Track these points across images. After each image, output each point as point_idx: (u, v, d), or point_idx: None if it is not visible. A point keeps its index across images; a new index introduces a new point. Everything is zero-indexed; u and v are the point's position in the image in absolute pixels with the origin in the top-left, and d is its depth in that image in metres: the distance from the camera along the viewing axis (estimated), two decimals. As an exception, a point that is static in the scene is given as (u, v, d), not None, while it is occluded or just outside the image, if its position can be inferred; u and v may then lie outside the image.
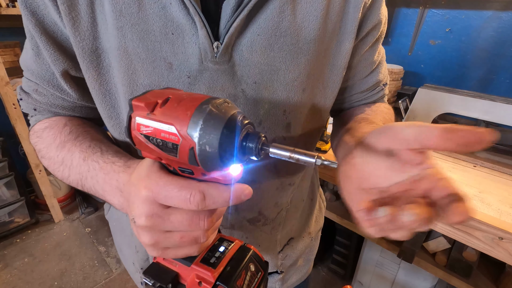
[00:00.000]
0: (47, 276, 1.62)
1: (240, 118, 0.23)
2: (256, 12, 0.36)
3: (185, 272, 0.31)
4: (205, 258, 0.32)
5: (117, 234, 0.61)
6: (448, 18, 1.24)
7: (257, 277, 0.34)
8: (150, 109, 0.23)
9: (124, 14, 0.34)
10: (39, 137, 0.44)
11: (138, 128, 0.24)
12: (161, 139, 0.23)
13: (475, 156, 1.01)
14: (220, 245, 0.33)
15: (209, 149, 0.22)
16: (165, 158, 0.25)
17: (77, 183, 0.39)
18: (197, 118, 0.21)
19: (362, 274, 1.40)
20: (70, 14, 0.34)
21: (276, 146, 0.24)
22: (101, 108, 0.41)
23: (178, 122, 0.22)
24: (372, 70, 0.50)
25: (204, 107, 0.22)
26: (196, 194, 0.24)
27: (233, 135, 0.22)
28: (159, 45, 0.35)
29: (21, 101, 0.45)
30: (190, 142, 0.22)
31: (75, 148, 0.39)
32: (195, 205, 0.25)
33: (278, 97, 0.40)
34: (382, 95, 0.55)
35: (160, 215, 0.26)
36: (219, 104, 0.22)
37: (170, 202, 0.25)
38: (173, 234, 0.27)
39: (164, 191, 0.25)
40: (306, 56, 0.39)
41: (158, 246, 0.28)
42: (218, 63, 0.36)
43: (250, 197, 0.26)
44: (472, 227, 0.72)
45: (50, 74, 0.40)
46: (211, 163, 0.22)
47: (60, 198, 2.06)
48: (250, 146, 0.23)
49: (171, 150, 0.23)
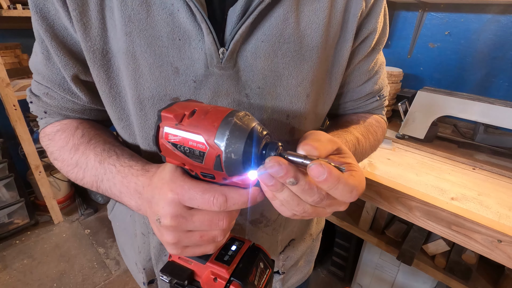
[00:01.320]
0: (47, 277, 1.62)
1: (260, 129, 0.26)
2: (260, 19, 0.36)
3: (200, 269, 0.34)
4: (219, 256, 0.35)
5: (120, 234, 0.61)
6: (447, 21, 1.24)
7: (265, 273, 0.37)
8: (179, 119, 0.26)
9: (133, 20, 0.35)
10: (51, 140, 0.45)
11: (166, 137, 0.27)
12: (189, 147, 0.26)
13: (474, 158, 1.01)
14: (232, 244, 0.36)
15: (234, 157, 0.24)
16: (189, 164, 0.28)
17: (91, 185, 0.41)
18: (223, 129, 0.24)
19: (361, 276, 1.40)
20: (81, 20, 0.35)
21: (290, 153, 0.26)
22: (111, 110, 0.42)
23: (206, 132, 0.25)
24: (367, 79, 0.51)
25: (230, 119, 0.25)
26: (219, 197, 0.27)
27: (254, 144, 0.25)
28: (166, 50, 0.36)
29: (31, 104, 0.46)
30: (217, 150, 0.24)
31: (89, 151, 0.41)
32: (218, 206, 0.27)
33: (281, 102, 0.41)
34: (378, 105, 0.56)
35: (184, 216, 0.29)
36: (242, 116, 0.25)
37: (194, 204, 0.28)
38: (194, 233, 0.30)
39: (188, 194, 0.28)
40: (309, 62, 0.40)
41: (179, 245, 0.30)
42: (223, 68, 0.37)
43: (263, 198, 0.29)
44: (471, 230, 0.72)
45: (60, 78, 0.41)
46: (234, 169, 0.25)
47: (60, 199, 2.06)
48: (269, 154, 0.26)
49: (198, 157, 0.26)
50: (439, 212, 0.76)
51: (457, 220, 0.74)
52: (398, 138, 1.16)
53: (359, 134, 0.46)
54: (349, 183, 0.26)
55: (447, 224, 0.76)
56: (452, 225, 0.75)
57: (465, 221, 0.73)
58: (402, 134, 1.16)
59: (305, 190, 0.26)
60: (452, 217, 0.74)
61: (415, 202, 0.80)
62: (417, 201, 0.79)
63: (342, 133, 0.45)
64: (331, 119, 0.59)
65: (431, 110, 1.08)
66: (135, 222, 0.54)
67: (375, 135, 0.51)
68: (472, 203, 0.79)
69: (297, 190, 0.26)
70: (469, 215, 0.73)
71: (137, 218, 0.53)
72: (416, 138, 1.13)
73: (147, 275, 0.56)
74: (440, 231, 0.78)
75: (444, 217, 0.76)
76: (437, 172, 0.95)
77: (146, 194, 0.33)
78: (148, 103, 0.39)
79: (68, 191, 2.13)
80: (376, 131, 0.52)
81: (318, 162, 0.24)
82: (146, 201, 0.33)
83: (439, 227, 0.78)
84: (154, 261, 0.52)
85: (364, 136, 0.47)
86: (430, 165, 1.00)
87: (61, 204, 2.06)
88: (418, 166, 0.98)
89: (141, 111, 0.40)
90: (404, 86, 1.40)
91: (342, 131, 0.45)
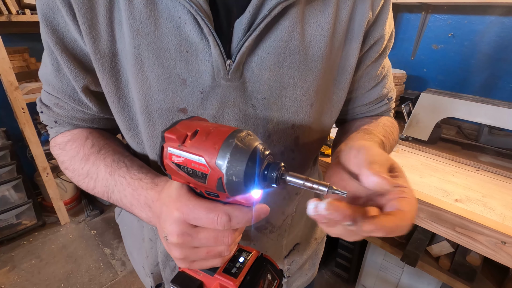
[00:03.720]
0: (54, 277, 1.64)
1: (262, 149, 0.26)
2: (266, 32, 0.37)
3: (209, 281, 0.34)
4: (227, 269, 0.35)
5: (128, 238, 0.62)
6: (451, 23, 1.25)
7: (273, 285, 0.37)
8: (181, 141, 0.26)
9: (141, 33, 0.35)
10: (62, 149, 0.46)
11: (170, 157, 0.27)
12: (192, 168, 0.26)
13: (479, 160, 1.01)
14: (240, 255, 0.37)
15: (235, 179, 0.24)
16: (194, 183, 0.28)
17: (102, 195, 0.41)
18: (224, 152, 0.24)
19: (365, 277, 1.40)
20: (90, 33, 0.36)
21: (292, 175, 0.26)
22: (120, 120, 0.43)
23: (208, 155, 0.25)
24: (376, 84, 0.51)
25: (231, 141, 0.25)
26: (223, 216, 0.27)
27: (256, 166, 0.25)
28: (174, 62, 0.37)
29: (42, 114, 0.47)
30: (219, 172, 0.25)
31: (99, 162, 0.42)
32: (222, 225, 0.28)
33: (287, 112, 0.42)
34: (386, 109, 0.56)
35: (189, 234, 0.29)
36: (243, 137, 0.25)
37: (199, 222, 0.29)
38: (201, 249, 0.31)
39: (193, 213, 0.28)
40: (314, 73, 0.40)
41: (187, 260, 0.31)
42: (230, 80, 0.38)
43: (268, 214, 0.29)
44: (475, 231, 0.73)
45: (71, 89, 0.42)
46: (236, 189, 0.25)
47: (66, 200, 2.08)
48: (271, 175, 0.26)
49: (200, 178, 0.26)
50: (443, 214, 0.77)
51: (461, 222, 0.74)
52: (402, 140, 1.17)
53: (381, 136, 0.46)
54: (386, 226, 0.26)
55: (451, 226, 0.76)
56: (456, 227, 0.76)
57: (469, 223, 0.73)
58: (406, 135, 1.16)
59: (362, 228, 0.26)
60: (456, 219, 0.75)
61: (419, 203, 0.80)
62: (421, 203, 0.80)
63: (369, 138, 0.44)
64: (340, 124, 0.59)
65: (434, 111, 1.09)
66: (143, 227, 0.55)
67: (393, 135, 0.51)
68: (476, 205, 0.79)
69: (353, 228, 0.27)
70: (473, 217, 0.73)
71: (144, 223, 0.54)
72: (420, 140, 1.13)
73: (154, 279, 0.56)
74: (444, 233, 0.78)
75: (448, 219, 0.76)
76: (441, 173, 0.95)
77: (155, 209, 0.34)
78: (156, 114, 0.39)
79: (75, 193, 2.16)
80: (393, 131, 0.52)
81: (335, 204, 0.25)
82: (155, 215, 0.34)
83: (443, 229, 0.78)
84: (162, 266, 0.53)
85: (385, 138, 0.47)
86: (434, 166, 1.00)
87: (67, 205, 2.09)
88: (422, 168, 0.98)
89: (149, 122, 0.40)
90: (408, 87, 1.41)
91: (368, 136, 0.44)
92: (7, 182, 1.71)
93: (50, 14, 0.37)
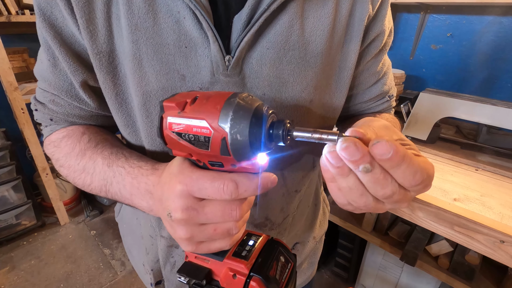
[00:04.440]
0: (53, 278, 1.64)
1: (265, 108, 0.25)
2: (266, 27, 0.37)
3: (218, 267, 0.32)
4: (236, 252, 0.33)
5: (127, 236, 0.62)
6: (449, 23, 1.25)
7: (287, 267, 0.35)
8: (181, 108, 0.26)
9: (140, 28, 0.35)
10: (56, 147, 0.44)
11: (170, 127, 0.26)
12: (193, 134, 0.25)
13: (477, 159, 1.02)
14: (249, 239, 0.35)
15: (240, 138, 0.23)
16: (196, 154, 0.27)
17: (100, 190, 0.40)
18: (227, 110, 0.23)
19: (365, 277, 1.41)
20: (88, 27, 0.35)
21: (299, 129, 0.25)
22: (117, 117, 0.42)
23: (209, 116, 0.24)
24: (377, 81, 0.51)
25: (232, 100, 0.24)
26: (229, 184, 0.26)
27: (260, 123, 0.24)
28: (172, 57, 0.36)
29: (36, 111, 0.45)
30: (222, 132, 0.24)
31: (96, 155, 0.40)
32: (229, 194, 0.26)
33: (286, 108, 0.42)
34: (387, 106, 0.55)
35: (195, 208, 0.28)
36: (245, 97, 0.25)
37: (204, 194, 0.27)
38: (207, 226, 0.29)
39: (198, 184, 0.27)
40: (314, 69, 0.40)
41: (193, 240, 0.29)
42: (229, 75, 0.37)
43: (275, 184, 0.28)
44: (473, 231, 0.73)
45: (68, 84, 0.41)
46: (242, 151, 0.24)
47: (66, 201, 2.08)
48: (276, 132, 0.24)
49: (203, 144, 0.25)
50: (442, 213, 0.77)
51: (460, 221, 0.74)
52: (401, 140, 1.17)
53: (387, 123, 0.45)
54: (414, 162, 0.22)
55: (450, 225, 0.77)
56: (455, 226, 0.76)
57: (468, 222, 0.73)
58: (405, 135, 1.16)
59: (378, 180, 0.23)
60: (455, 218, 0.75)
61: (418, 203, 0.80)
62: (420, 202, 0.80)
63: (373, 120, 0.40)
64: (341, 122, 0.58)
65: (433, 111, 1.09)
66: (141, 225, 0.55)
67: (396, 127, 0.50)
68: (475, 204, 0.80)
69: (368, 180, 0.23)
70: (472, 216, 0.73)
71: (142, 221, 0.54)
72: (419, 139, 1.13)
73: (154, 276, 0.56)
74: (443, 232, 0.79)
75: (447, 218, 0.77)
76: (440, 173, 0.95)
77: (156, 193, 0.32)
78: (154, 110, 0.39)
79: (74, 193, 2.16)
80: (395, 126, 0.51)
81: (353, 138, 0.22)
82: (157, 199, 0.32)
83: (442, 228, 0.78)
84: (162, 262, 0.53)
85: None
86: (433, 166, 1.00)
87: (67, 206, 2.08)
88: (421, 167, 0.98)
89: (147, 118, 0.40)
90: (407, 87, 1.41)
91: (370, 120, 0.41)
92: (6, 183, 1.71)
93: (47, 8, 0.36)
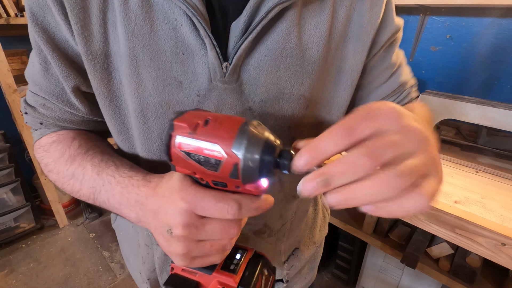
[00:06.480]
0: (52, 281, 1.63)
1: (274, 138, 0.26)
2: (263, 34, 0.37)
3: (207, 280, 0.33)
4: (225, 266, 0.34)
5: (124, 244, 0.61)
6: (449, 25, 1.25)
7: (269, 280, 0.37)
8: (192, 128, 0.26)
9: (136, 35, 0.35)
10: (46, 151, 0.44)
11: (179, 146, 0.27)
12: (204, 155, 0.26)
13: (477, 161, 1.02)
14: (236, 252, 0.36)
15: (251, 164, 0.25)
16: (201, 173, 0.28)
17: (88, 197, 0.39)
18: (241, 138, 0.25)
19: (365, 279, 1.40)
20: (83, 33, 0.35)
21: None
22: (111, 123, 0.42)
23: (223, 141, 0.25)
24: (392, 74, 0.48)
25: (246, 128, 0.25)
26: (234, 205, 0.27)
27: (270, 152, 0.25)
28: (169, 64, 0.36)
29: (26, 115, 0.44)
30: (235, 158, 0.25)
31: (86, 162, 0.40)
32: (232, 214, 0.27)
33: (283, 114, 0.41)
34: (411, 98, 0.51)
35: (196, 225, 0.28)
36: (256, 125, 0.26)
37: (207, 212, 0.28)
38: (205, 243, 0.30)
39: (202, 203, 0.28)
40: (311, 75, 0.40)
41: (188, 256, 0.30)
42: (227, 82, 0.37)
43: (272, 205, 0.29)
44: (474, 233, 0.73)
45: (59, 89, 0.40)
46: (250, 176, 0.25)
47: (65, 203, 2.07)
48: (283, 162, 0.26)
49: (212, 166, 0.26)
50: (443, 215, 0.77)
51: (461, 223, 0.74)
52: (401, 141, 1.16)
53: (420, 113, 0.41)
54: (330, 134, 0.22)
55: (451, 227, 0.76)
56: (455, 228, 0.76)
57: (468, 224, 0.73)
58: (405, 137, 1.16)
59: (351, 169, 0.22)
60: (455, 220, 0.75)
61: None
62: (421, 205, 0.80)
63: None
64: None
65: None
66: (138, 233, 0.54)
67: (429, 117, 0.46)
68: (475, 206, 0.79)
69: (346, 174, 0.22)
70: (472, 218, 0.73)
71: (139, 229, 0.53)
72: (419, 141, 1.13)
73: (151, 285, 0.56)
74: (443, 234, 0.78)
75: (447, 220, 0.76)
76: (440, 175, 0.95)
77: (150, 205, 0.32)
78: (151, 116, 0.39)
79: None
80: (428, 114, 0.46)
81: None
82: (150, 212, 0.32)
83: (443, 230, 0.78)
84: (159, 272, 0.52)
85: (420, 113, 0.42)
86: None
87: (66, 208, 2.07)
88: (421, 170, 0.98)
89: (144, 124, 0.39)
90: (406, 89, 1.41)
91: None
92: (5, 185, 1.70)
93: (40, 13, 0.36)
